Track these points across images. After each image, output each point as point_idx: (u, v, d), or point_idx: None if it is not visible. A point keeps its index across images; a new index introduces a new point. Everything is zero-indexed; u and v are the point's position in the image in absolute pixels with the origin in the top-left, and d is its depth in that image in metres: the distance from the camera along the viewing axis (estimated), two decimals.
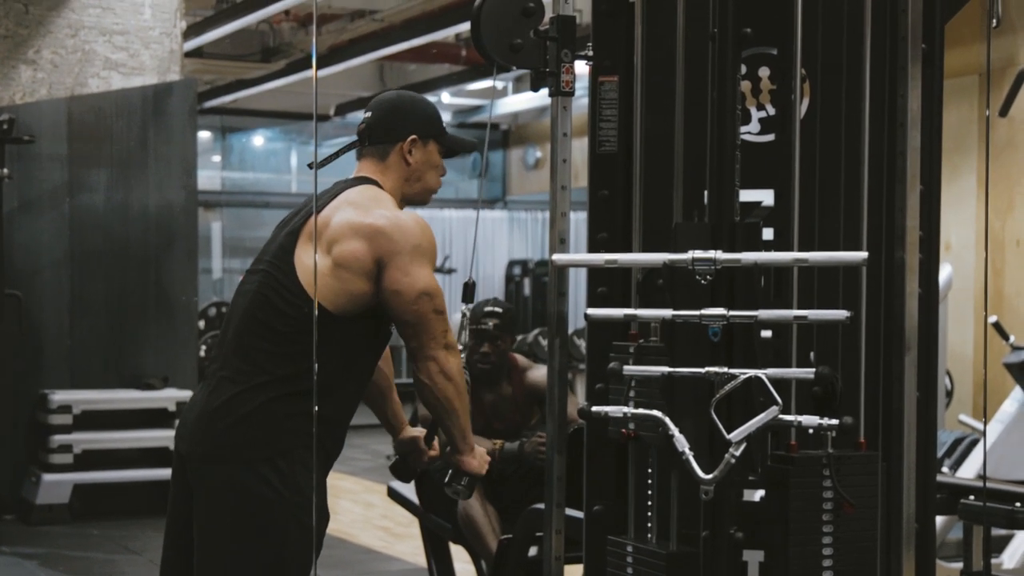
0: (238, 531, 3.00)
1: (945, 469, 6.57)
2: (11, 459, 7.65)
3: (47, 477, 7.47)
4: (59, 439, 7.50)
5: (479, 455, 3.23)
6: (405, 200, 3.22)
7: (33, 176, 7.80)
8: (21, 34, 7.88)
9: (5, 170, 7.28)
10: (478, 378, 5.08)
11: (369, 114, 3.24)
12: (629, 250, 3.14)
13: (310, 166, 3.01)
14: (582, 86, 3.17)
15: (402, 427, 3.43)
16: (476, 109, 16.37)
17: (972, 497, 4.16)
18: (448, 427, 3.15)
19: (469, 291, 3.47)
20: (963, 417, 7.53)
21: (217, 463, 3.01)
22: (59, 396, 7.60)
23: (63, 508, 7.50)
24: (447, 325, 3.06)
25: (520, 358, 5.28)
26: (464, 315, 3.50)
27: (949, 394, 9.11)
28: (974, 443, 6.76)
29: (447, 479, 3.27)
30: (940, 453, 6.67)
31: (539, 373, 5.15)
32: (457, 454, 3.20)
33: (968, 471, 6.40)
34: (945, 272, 6.89)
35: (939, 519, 5.16)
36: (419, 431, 3.39)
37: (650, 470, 2.86)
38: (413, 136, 3.19)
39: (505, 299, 15.82)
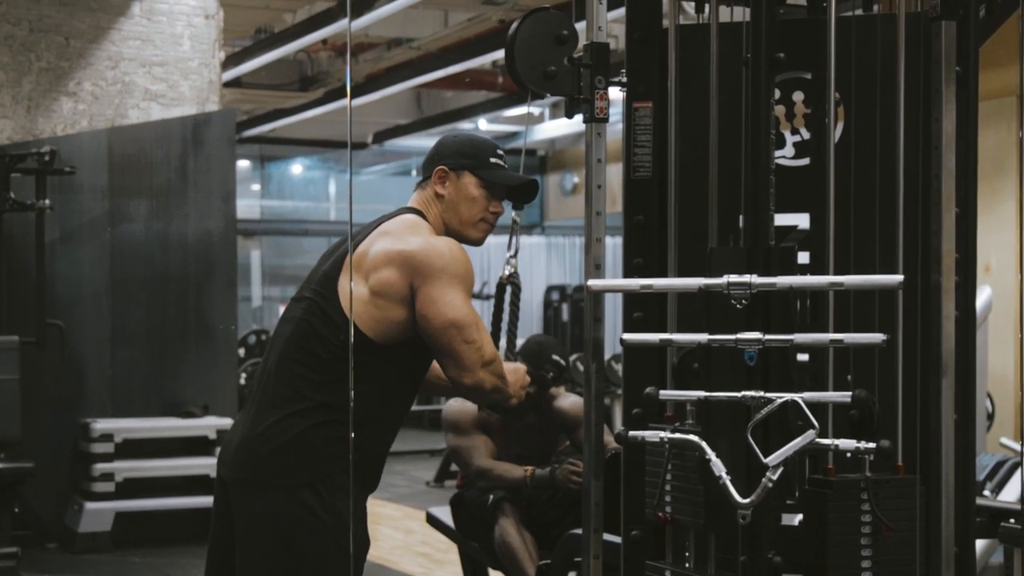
0: (279, 556, 3.01)
1: (987, 492, 6.51)
2: (54, 488, 7.69)
3: (89, 505, 7.52)
4: (101, 467, 7.55)
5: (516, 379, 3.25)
6: (449, 235, 3.18)
7: (74, 207, 7.88)
8: (62, 67, 7.98)
9: (47, 201, 7.36)
10: (507, 409, 5.07)
11: None
12: (665, 275, 3.15)
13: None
14: (616, 112, 3.19)
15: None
16: (513, 135, 16.43)
17: (1013, 520, 4.13)
18: None
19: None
20: (1004, 440, 7.47)
21: (258, 489, 3.03)
22: (101, 425, 7.64)
23: (105, 536, 7.53)
24: (480, 352, 3.03)
25: None
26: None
27: (990, 417, 9.04)
28: (1016, 466, 6.70)
29: None
30: (981, 476, 6.61)
31: (567, 401, 5.13)
32: None
33: (1010, 494, 6.34)
34: (984, 294, 6.85)
35: (980, 543, 5.11)
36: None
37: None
38: (441, 167, 3.20)
39: (543, 324, 15.85)
